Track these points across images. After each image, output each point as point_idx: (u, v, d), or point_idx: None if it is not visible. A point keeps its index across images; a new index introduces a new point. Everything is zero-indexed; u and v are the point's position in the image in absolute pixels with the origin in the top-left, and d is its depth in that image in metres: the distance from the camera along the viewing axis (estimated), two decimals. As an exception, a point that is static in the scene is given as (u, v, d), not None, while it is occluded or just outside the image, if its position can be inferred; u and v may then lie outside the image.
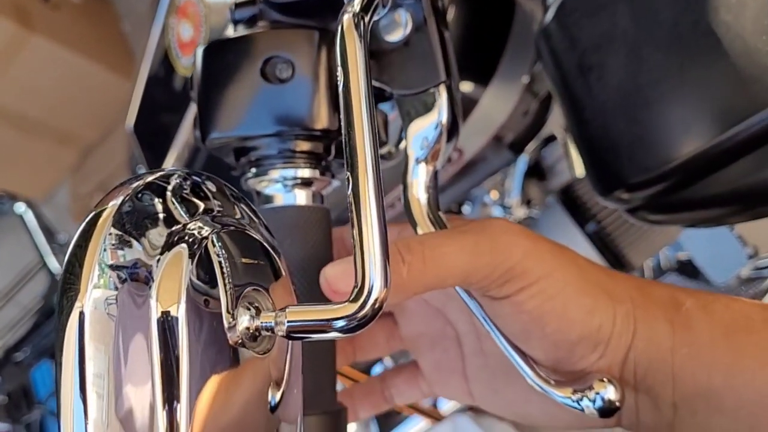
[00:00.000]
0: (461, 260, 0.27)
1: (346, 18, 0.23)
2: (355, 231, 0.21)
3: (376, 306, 0.20)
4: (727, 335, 0.28)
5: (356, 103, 0.22)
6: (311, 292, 0.30)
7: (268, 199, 0.31)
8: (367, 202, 0.21)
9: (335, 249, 0.33)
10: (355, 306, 0.20)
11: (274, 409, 0.22)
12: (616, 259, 0.61)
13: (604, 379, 0.28)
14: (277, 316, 0.21)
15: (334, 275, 0.27)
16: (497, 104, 0.46)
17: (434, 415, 0.68)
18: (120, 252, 0.19)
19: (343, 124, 0.22)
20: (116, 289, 0.18)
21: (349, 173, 0.21)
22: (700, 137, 0.30)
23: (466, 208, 0.73)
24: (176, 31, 0.51)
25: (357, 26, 0.23)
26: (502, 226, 0.29)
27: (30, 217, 1.01)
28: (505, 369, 0.30)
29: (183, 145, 0.52)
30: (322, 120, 0.29)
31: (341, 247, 0.34)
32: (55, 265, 0.97)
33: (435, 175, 0.32)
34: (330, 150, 0.31)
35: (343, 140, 0.22)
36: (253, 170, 0.31)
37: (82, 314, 0.18)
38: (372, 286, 0.20)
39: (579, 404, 0.28)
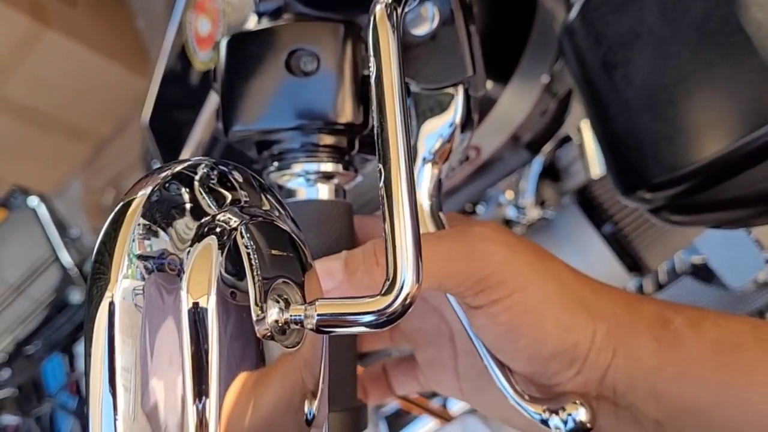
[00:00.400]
0: (435, 265, 0.27)
1: (379, 8, 0.23)
2: (387, 224, 0.20)
3: (407, 301, 0.20)
4: (716, 353, 0.27)
5: (389, 94, 0.21)
6: None
7: (291, 193, 0.31)
8: (400, 195, 0.20)
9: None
10: (386, 300, 0.20)
11: (302, 403, 0.21)
12: (632, 261, 0.60)
13: (577, 402, 0.28)
14: (306, 309, 0.20)
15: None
16: (516, 103, 0.46)
17: (444, 416, 0.68)
18: (148, 242, 0.18)
19: (375, 116, 0.22)
20: (143, 279, 0.18)
21: (381, 166, 0.21)
22: (727, 137, 0.30)
23: (481, 208, 0.73)
24: (194, 26, 0.51)
25: (390, 17, 0.22)
26: (483, 233, 0.29)
27: (43, 211, 1.01)
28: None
29: (197, 142, 0.52)
30: (346, 114, 0.29)
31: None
32: (67, 259, 0.97)
33: (439, 175, 0.31)
34: (354, 144, 0.31)
35: (375, 132, 0.21)
36: (276, 164, 0.31)
37: (112, 304, 0.18)
38: (404, 281, 0.20)
39: (548, 423, 0.28)
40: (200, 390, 0.18)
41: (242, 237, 0.20)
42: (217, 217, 0.20)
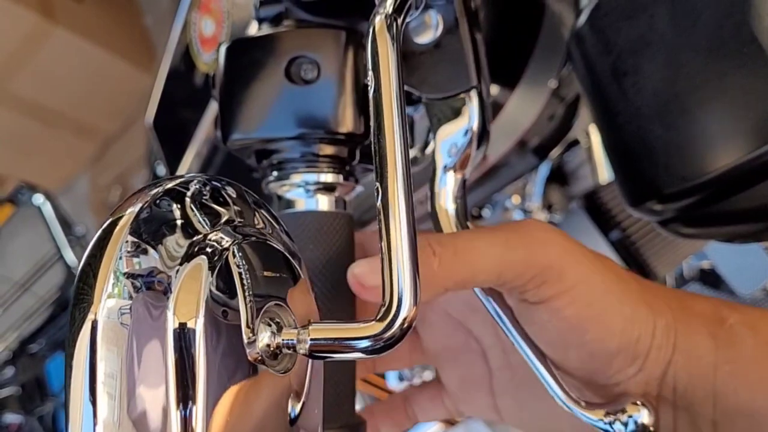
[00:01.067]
0: (494, 254, 0.26)
1: (378, 20, 0.22)
2: (384, 244, 0.20)
3: (405, 326, 0.19)
4: None
5: (387, 109, 0.20)
6: (332, 301, 0.29)
7: (290, 203, 0.30)
8: (397, 214, 0.20)
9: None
10: (382, 325, 0.19)
11: (293, 425, 0.21)
12: (640, 268, 0.59)
13: (638, 402, 0.26)
14: (299, 333, 0.20)
15: (362, 272, 0.26)
16: (523, 108, 0.45)
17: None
18: (136, 260, 0.18)
19: (372, 131, 0.21)
20: (131, 298, 0.17)
21: (378, 183, 0.20)
22: (740, 148, 0.29)
23: (486, 212, 0.72)
24: (198, 26, 0.51)
25: (389, 28, 0.22)
26: (538, 224, 0.28)
27: (48, 209, 1.01)
28: (534, 383, 0.29)
29: (202, 142, 0.52)
30: (347, 123, 0.28)
31: (361, 253, 0.33)
32: (71, 257, 0.97)
33: (464, 183, 0.31)
34: (354, 154, 0.30)
35: (372, 148, 0.21)
36: (275, 173, 0.30)
37: (95, 322, 0.17)
38: (400, 304, 0.19)
39: (612, 427, 0.26)
40: (185, 412, 0.17)
41: (234, 257, 0.19)
42: (209, 236, 0.19)
